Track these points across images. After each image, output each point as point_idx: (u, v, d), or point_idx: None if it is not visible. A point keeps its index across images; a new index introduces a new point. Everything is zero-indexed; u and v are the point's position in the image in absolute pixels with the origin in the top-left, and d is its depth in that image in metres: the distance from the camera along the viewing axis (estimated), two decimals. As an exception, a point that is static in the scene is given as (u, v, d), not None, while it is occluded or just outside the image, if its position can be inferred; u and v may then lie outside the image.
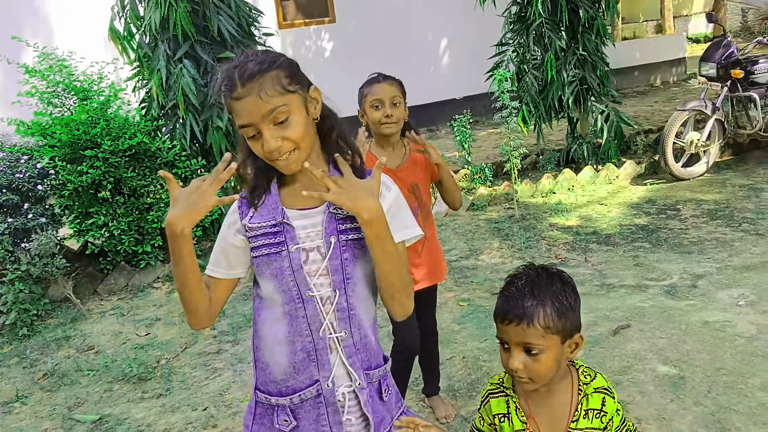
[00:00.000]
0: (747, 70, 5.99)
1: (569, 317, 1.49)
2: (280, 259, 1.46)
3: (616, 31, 11.05)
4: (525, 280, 1.51)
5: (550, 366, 1.48)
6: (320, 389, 1.50)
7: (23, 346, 4.08)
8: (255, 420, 1.57)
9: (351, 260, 1.48)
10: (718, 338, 3.28)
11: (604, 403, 1.54)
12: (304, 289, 1.46)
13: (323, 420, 1.51)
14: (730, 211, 5.10)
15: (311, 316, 1.47)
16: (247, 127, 1.39)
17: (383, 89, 2.44)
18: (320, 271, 1.47)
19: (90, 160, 4.47)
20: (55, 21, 7.28)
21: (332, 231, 1.46)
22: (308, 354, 1.49)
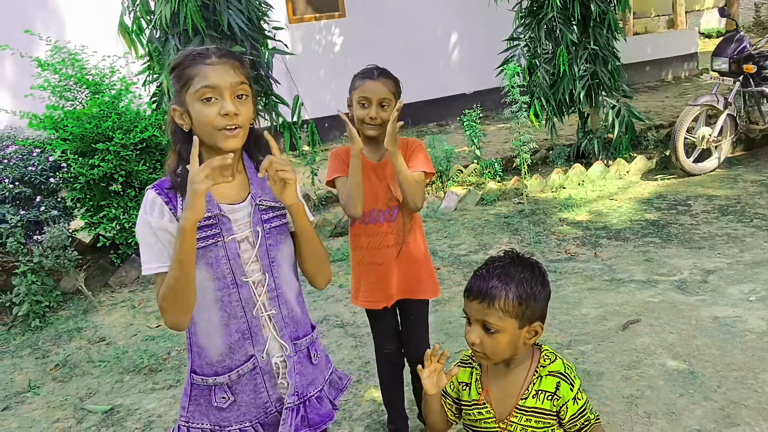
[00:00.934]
0: (760, 65, 5.95)
1: (530, 305, 1.57)
2: (216, 249, 1.57)
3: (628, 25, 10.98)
4: (498, 264, 1.61)
5: (504, 346, 1.58)
6: (256, 362, 1.64)
7: (35, 337, 4.12)
8: (191, 401, 1.68)
9: (275, 245, 1.64)
10: (729, 333, 3.27)
11: (558, 387, 1.62)
12: (239, 275, 1.59)
13: (261, 388, 1.66)
14: (741, 207, 5.07)
15: (245, 300, 1.61)
16: (210, 89, 1.50)
17: (374, 88, 2.28)
18: (252, 258, 1.61)
19: (101, 154, 4.50)
20: (66, 15, 7.32)
21: (257, 221, 1.61)
22: (243, 334, 1.62)
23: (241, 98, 1.54)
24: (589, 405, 1.66)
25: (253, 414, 1.67)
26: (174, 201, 1.55)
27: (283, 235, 1.67)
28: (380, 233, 2.40)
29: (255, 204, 1.61)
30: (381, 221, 2.40)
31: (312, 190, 5.98)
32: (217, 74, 1.50)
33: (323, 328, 3.83)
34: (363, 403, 3.03)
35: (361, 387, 3.18)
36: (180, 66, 1.54)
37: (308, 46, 8.57)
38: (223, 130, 1.51)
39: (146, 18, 4.81)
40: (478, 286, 1.58)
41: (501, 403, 1.66)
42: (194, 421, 1.68)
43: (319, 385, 1.76)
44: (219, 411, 1.66)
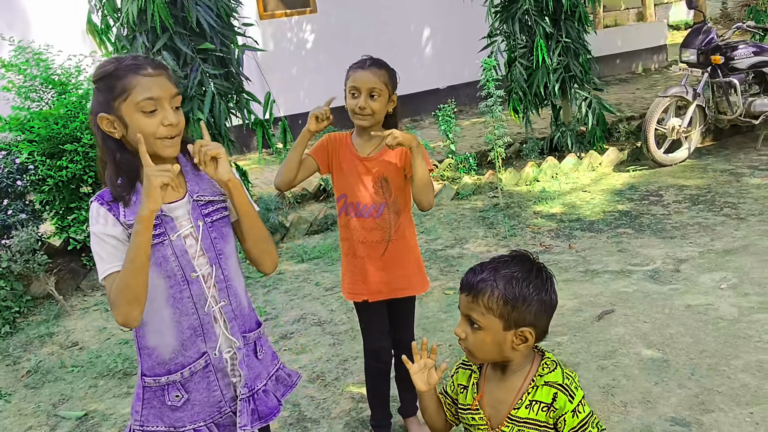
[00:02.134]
0: (727, 55, 6.03)
1: (518, 308, 1.48)
2: (163, 248, 1.61)
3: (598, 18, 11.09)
4: (496, 260, 1.55)
5: (487, 345, 1.52)
6: (208, 359, 1.68)
7: (6, 343, 4.03)
8: (144, 405, 1.70)
9: (219, 238, 1.69)
10: (701, 321, 3.32)
11: (555, 398, 1.52)
12: (189, 271, 1.64)
13: (214, 385, 1.70)
14: (711, 196, 5.15)
15: (196, 295, 1.65)
16: (152, 101, 1.54)
17: (364, 77, 2.24)
18: (198, 252, 1.66)
19: (70, 155, 4.42)
20: (31, 14, 7.16)
21: (198, 216, 1.66)
22: (194, 330, 1.66)
23: (177, 109, 1.61)
24: (593, 418, 1.54)
25: (207, 413, 1.71)
26: (116, 210, 1.58)
27: (227, 228, 1.73)
28: (365, 228, 2.37)
29: (193, 200, 1.66)
30: (366, 216, 2.36)
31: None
32: (156, 86, 1.55)
33: (300, 327, 3.81)
34: (342, 401, 3.02)
35: (339, 385, 3.16)
36: (112, 75, 1.55)
37: (280, 42, 8.50)
38: (163, 139, 1.57)
39: (113, 16, 4.73)
40: (468, 278, 1.55)
41: (494, 410, 1.59)
42: (148, 424, 1.70)
43: (264, 379, 1.82)
44: (173, 411, 1.68)
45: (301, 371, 3.31)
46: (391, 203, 2.37)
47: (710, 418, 2.59)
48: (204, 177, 1.70)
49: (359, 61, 2.31)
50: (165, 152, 1.59)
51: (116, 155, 1.59)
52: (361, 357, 3.34)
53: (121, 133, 1.57)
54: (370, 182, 2.36)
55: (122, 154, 1.59)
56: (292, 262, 4.84)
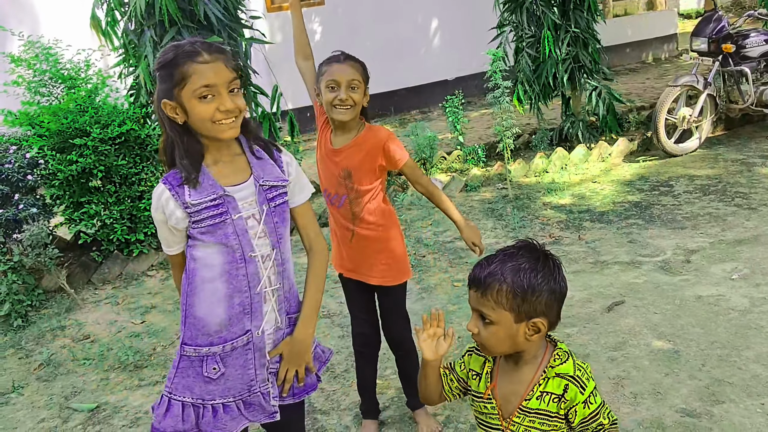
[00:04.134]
0: (738, 44, 5.97)
1: (528, 299, 1.47)
2: (224, 227, 1.68)
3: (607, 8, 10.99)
4: (502, 253, 1.54)
5: (500, 339, 1.51)
6: (251, 338, 1.74)
7: (18, 336, 4.07)
8: (177, 373, 1.76)
9: (280, 222, 1.77)
10: (712, 312, 3.30)
11: (566, 389, 1.52)
12: (248, 250, 1.70)
13: (250, 364, 1.76)
14: (722, 186, 5.11)
15: (251, 274, 1.72)
16: (207, 88, 1.59)
17: (342, 70, 2.27)
18: (259, 233, 1.72)
19: (79, 149, 4.43)
20: (40, 9, 7.18)
21: (263, 200, 1.73)
22: (244, 308, 1.72)
23: (233, 92, 1.64)
24: (604, 409, 1.55)
25: (238, 389, 1.77)
26: (182, 192, 1.66)
27: (287, 213, 1.80)
28: (335, 214, 2.50)
29: (258, 185, 1.72)
30: (332, 203, 2.48)
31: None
32: (212, 73, 1.60)
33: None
34: (351, 393, 3.03)
35: (349, 377, 3.17)
36: (171, 63, 1.61)
37: (287, 35, 8.46)
38: (219, 122, 1.63)
39: (120, 10, 4.73)
40: (476, 274, 1.53)
41: (506, 401, 1.59)
42: (176, 393, 1.75)
43: None
44: (206, 383, 1.74)
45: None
46: (353, 197, 2.41)
47: (721, 409, 2.58)
48: (267, 162, 1.76)
49: (333, 56, 2.34)
50: (223, 135, 1.65)
51: (183, 139, 1.66)
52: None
53: (183, 119, 1.64)
54: (336, 173, 2.43)
55: (187, 137, 1.66)
56: (301, 255, 4.84)
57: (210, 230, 1.68)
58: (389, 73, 8.37)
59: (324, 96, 2.31)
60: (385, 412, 2.86)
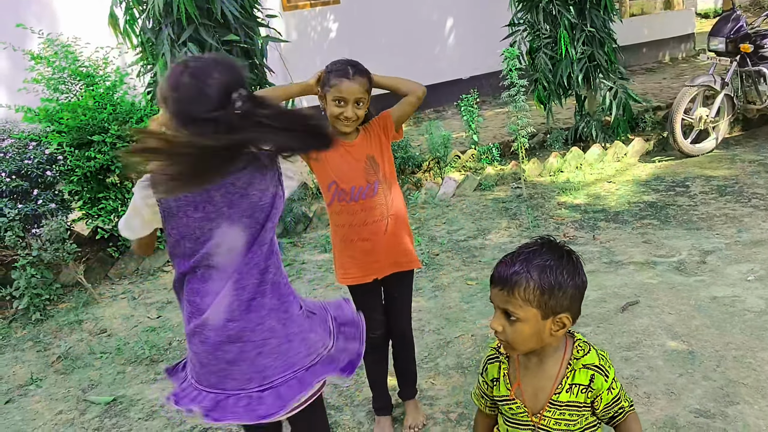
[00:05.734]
0: (756, 44, 5.91)
1: (555, 295, 1.49)
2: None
3: (624, 7, 10.91)
4: (525, 250, 1.55)
5: (526, 336, 1.52)
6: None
7: (36, 330, 4.13)
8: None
9: None
10: (727, 313, 3.28)
11: (592, 379, 1.56)
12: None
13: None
14: (739, 187, 5.07)
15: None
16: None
17: (350, 88, 2.28)
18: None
19: (98, 146, 4.49)
20: (59, 7, 7.26)
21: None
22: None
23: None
24: (623, 393, 1.61)
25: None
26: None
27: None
28: (364, 209, 2.42)
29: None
30: (363, 197, 2.41)
31: (310, 179, 5.97)
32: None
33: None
34: (364, 388, 3.04)
35: (361, 373, 3.18)
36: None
37: (303, 33, 8.51)
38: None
39: (138, 8, 4.78)
40: (500, 272, 1.54)
41: (533, 397, 1.61)
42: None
43: None
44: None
45: (325, 360, 3.34)
46: (382, 179, 2.43)
47: (735, 410, 2.57)
48: None
49: (342, 69, 2.32)
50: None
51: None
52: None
53: None
54: (362, 163, 2.42)
55: None
56: (314, 252, 4.88)
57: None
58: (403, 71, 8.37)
59: (330, 108, 2.33)
60: (399, 409, 2.87)
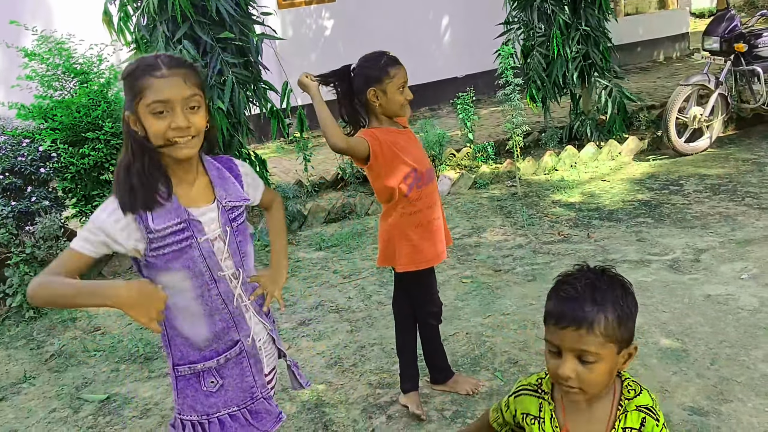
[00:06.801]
0: (750, 43, 5.94)
1: (628, 326, 1.40)
2: (190, 251, 1.61)
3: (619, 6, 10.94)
4: (584, 282, 1.40)
5: (603, 377, 1.39)
6: (242, 346, 1.73)
7: (30, 328, 4.11)
8: (178, 395, 1.74)
9: (243, 240, 1.75)
10: (721, 311, 3.30)
11: (643, 423, 1.43)
12: (216, 271, 1.66)
13: (247, 371, 1.75)
14: (733, 186, 5.09)
15: (224, 293, 1.68)
16: (161, 103, 1.52)
17: (405, 72, 2.45)
18: (224, 254, 1.68)
19: (92, 143, 4.48)
20: (53, 4, 7.23)
21: (226, 221, 1.69)
22: (227, 323, 1.70)
23: (193, 109, 1.56)
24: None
25: (240, 398, 1.75)
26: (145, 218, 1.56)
27: (247, 229, 1.79)
28: (432, 191, 2.59)
29: (221, 206, 1.68)
30: (431, 179, 2.59)
31: (305, 177, 5.97)
32: (168, 88, 1.52)
33: (318, 314, 3.84)
34: (359, 386, 3.05)
35: (357, 371, 3.19)
36: (131, 76, 1.55)
37: (298, 31, 8.50)
38: (172, 142, 1.55)
39: (133, 5, 4.76)
40: (572, 310, 1.36)
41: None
42: (184, 413, 1.75)
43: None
44: (207, 397, 1.72)
45: (319, 357, 3.35)
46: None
47: (729, 408, 2.58)
48: (229, 181, 1.73)
49: (391, 58, 2.46)
50: (178, 154, 1.56)
51: (145, 156, 1.56)
52: (378, 344, 3.38)
53: (142, 133, 1.55)
54: (422, 148, 2.62)
55: (149, 155, 1.56)
56: (310, 250, 4.87)
57: (175, 256, 1.59)
58: (399, 70, 8.35)
59: (395, 98, 2.44)
60: (394, 407, 2.87)
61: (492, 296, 3.78)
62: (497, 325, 3.43)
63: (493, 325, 3.45)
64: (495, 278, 4.01)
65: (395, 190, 2.51)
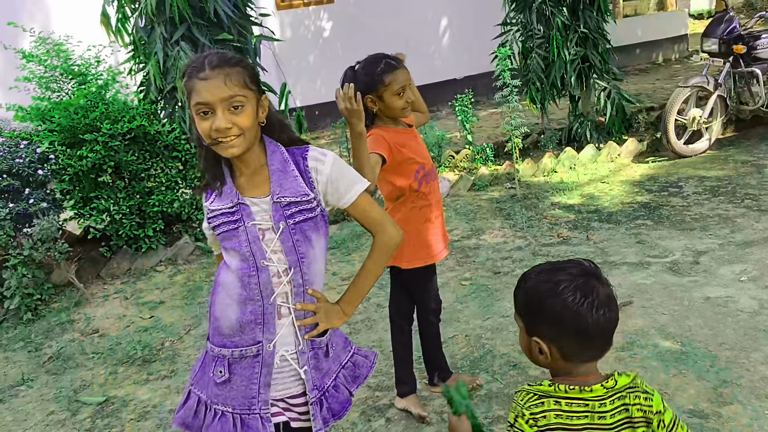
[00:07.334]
0: (749, 45, 5.94)
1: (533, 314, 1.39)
2: (238, 234, 1.66)
3: (617, 8, 10.94)
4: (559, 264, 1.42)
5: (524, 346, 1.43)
6: (261, 350, 1.67)
7: (28, 330, 4.10)
8: (200, 368, 1.78)
9: (302, 241, 1.67)
10: (721, 314, 3.29)
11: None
12: (259, 258, 1.65)
13: (255, 378, 1.68)
14: (732, 188, 5.09)
15: (264, 284, 1.65)
16: (203, 105, 1.56)
17: (404, 75, 2.40)
18: (273, 246, 1.65)
19: (89, 144, 4.46)
20: (51, 5, 7.22)
21: (280, 217, 1.65)
22: (256, 318, 1.66)
23: (237, 108, 1.57)
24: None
25: (238, 403, 1.69)
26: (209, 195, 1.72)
27: (313, 231, 1.70)
28: (436, 188, 2.62)
29: (274, 201, 1.65)
30: (435, 176, 2.61)
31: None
32: (208, 90, 1.55)
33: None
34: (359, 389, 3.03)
35: (355, 374, 3.18)
36: (183, 77, 1.62)
37: (297, 32, 8.49)
38: (217, 142, 1.58)
39: (131, 6, 4.76)
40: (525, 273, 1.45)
41: None
42: (197, 386, 1.77)
43: (333, 374, 1.80)
44: (214, 386, 1.72)
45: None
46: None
47: (729, 411, 2.57)
48: (290, 175, 1.67)
49: (389, 64, 2.41)
50: (224, 153, 1.61)
51: (203, 148, 1.67)
52: (377, 346, 3.37)
53: (196, 131, 1.63)
54: (424, 147, 2.63)
55: (206, 147, 1.65)
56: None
57: (226, 236, 1.67)
58: (398, 71, 8.35)
59: (393, 103, 2.42)
60: (392, 410, 2.86)
61: (491, 298, 3.77)
62: (496, 328, 3.42)
63: (493, 327, 3.44)
64: (494, 280, 4.00)
65: (406, 187, 2.52)
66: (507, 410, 2.73)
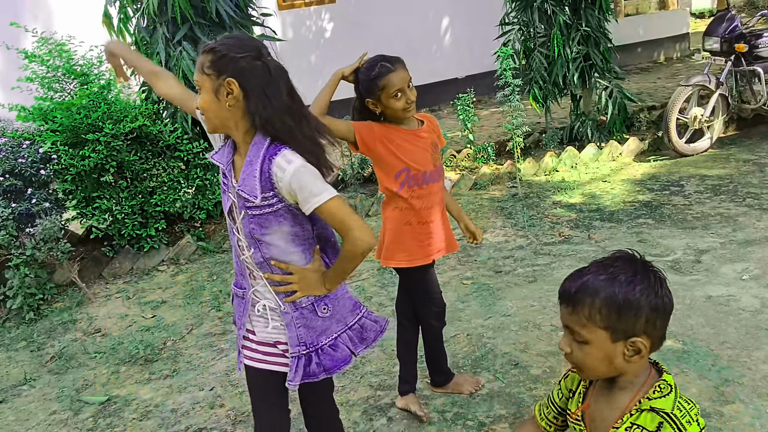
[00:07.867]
0: (751, 44, 5.93)
1: (627, 316, 1.33)
2: (225, 194, 1.86)
3: (619, 7, 10.93)
4: (596, 265, 1.39)
5: (596, 360, 1.37)
6: (245, 294, 1.93)
7: (30, 330, 4.11)
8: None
9: (258, 228, 1.78)
10: (722, 312, 3.29)
11: (659, 427, 1.35)
12: (231, 225, 1.87)
13: (239, 313, 1.97)
14: (734, 187, 5.09)
15: (234, 246, 1.89)
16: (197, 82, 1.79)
17: (400, 76, 2.36)
18: (238, 223, 1.82)
19: (92, 144, 4.47)
20: (53, 6, 7.23)
21: (241, 206, 1.78)
22: (240, 269, 1.92)
23: (197, 91, 1.81)
24: None
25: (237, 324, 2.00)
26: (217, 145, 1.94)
27: (273, 221, 1.77)
28: (432, 193, 2.56)
29: (237, 190, 1.77)
30: (434, 181, 2.55)
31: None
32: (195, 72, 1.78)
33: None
34: (360, 388, 3.04)
35: (357, 373, 3.19)
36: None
37: (298, 32, 8.50)
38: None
39: (133, 6, 4.76)
40: (565, 287, 1.39)
41: (596, 425, 1.46)
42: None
43: (333, 334, 1.89)
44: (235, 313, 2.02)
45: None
46: (439, 165, 2.61)
47: (731, 410, 2.57)
48: (252, 173, 1.72)
49: (383, 67, 2.38)
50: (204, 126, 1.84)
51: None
52: (379, 345, 3.37)
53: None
54: (428, 150, 2.55)
55: None
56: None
57: (222, 190, 1.90)
58: (399, 71, 8.35)
59: (392, 106, 2.40)
60: (394, 409, 2.87)
61: (493, 297, 3.77)
62: (498, 327, 3.43)
63: (494, 326, 3.44)
64: (496, 279, 4.00)
65: (389, 187, 2.53)
66: (508, 409, 2.73)
